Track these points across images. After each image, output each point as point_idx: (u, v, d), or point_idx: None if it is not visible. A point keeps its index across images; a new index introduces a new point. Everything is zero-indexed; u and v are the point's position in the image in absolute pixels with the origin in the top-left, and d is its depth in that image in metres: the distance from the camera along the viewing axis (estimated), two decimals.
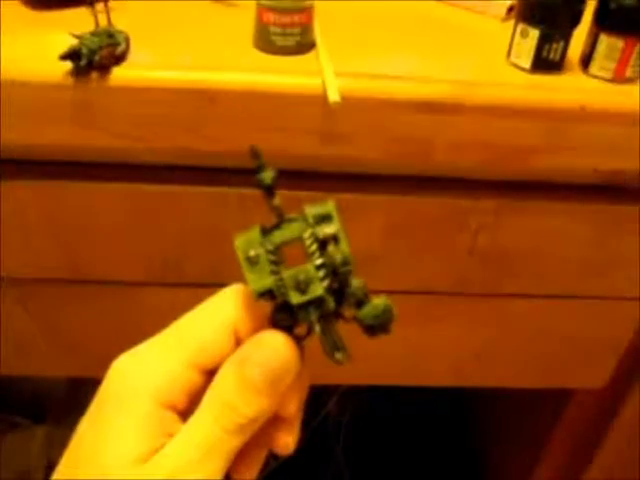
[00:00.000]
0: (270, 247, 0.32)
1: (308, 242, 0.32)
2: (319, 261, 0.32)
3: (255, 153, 0.33)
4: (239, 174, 0.55)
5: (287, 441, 0.35)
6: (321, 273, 0.32)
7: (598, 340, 0.69)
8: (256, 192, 0.55)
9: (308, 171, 0.54)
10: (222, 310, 0.34)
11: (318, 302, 0.32)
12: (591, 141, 0.53)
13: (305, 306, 0.32)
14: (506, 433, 1.07)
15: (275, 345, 0.32)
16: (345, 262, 0.32)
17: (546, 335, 0.68)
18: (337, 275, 0.32)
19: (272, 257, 0.32)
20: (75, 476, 0.30)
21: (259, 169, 0.33)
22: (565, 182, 0.58)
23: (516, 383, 0.74)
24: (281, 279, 0.32)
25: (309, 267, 0.32)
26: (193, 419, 0.31)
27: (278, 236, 0.32)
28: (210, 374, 0.33)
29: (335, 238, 0.32)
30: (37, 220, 0.57)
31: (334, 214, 0.33)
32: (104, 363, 0.33)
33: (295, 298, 0.32)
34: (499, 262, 0.61)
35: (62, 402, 1.07)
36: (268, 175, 0.33)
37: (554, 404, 0.84)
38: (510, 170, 0.56)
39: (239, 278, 0.61)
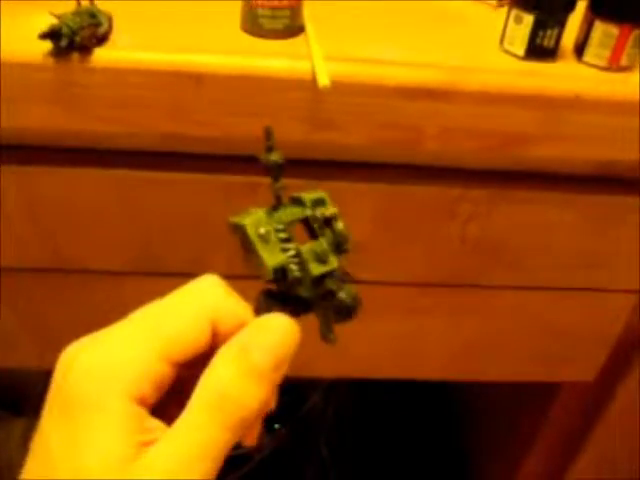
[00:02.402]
0: (280, 226, 0.32)
1: (315, 221, 0.33)
2: (329, 240, 0.33)
3: (268, 133, 0.33)
4: (224, 161, 0.54)
5: (253, 434, 0.33)
6: (333, 251, 0.33)
7: (588, 333, 0.68)
8: (241, 180, 0.54)
9: (296, 158, 0.53)
10: (199, 299, 0.32)
11: (331, 274, 0.33)
12: (585, 130, 0.52)
13: (321, 278, 0.32)
14: (492, 427, 1.07)
15: (283, 328, 0.31)
16: (349, 238, 0.33)
17: (536, 327, 0.68)
18: (340, 252, 0.33)
19: (282, 235, 0.32)
20: (56, 475, 0.28)
21: (269, 149, 0.33)
22: (558, 172, 0.57)
23: (505, 377, 0.73)
24: (297, 254, 0.32)
25: (323, 242, 0.33)
26: (186, 415, 0.29)
27: (284, 216, 0.33)
28: (180, 366, 0.31)
29: (336, 218, 0.33)
30: (17, 207, 0.55)
31: (327, 199, 0.34)
32: None
33: (316, 269, 0.32)
34: (489, 253, 0.60)
35: (40, 394, 1.05)
36: (277, 155, 0.33)
37: (541, 398, 0.83)
38: (502, 159, 0.55)
39: (223, 268, 0.60)
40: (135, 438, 0.28)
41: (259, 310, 0.33)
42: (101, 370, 0.29)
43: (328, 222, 0.33)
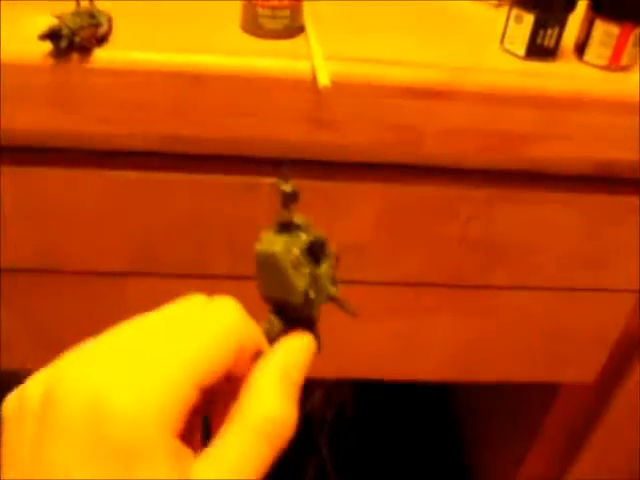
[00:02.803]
0: (298, 252, 0.34)
1: (317, 245, 0.35)
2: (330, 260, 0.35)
3: (286, 166, 0.35)
4: (224, 161, 0.54)
5: None
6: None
7: (588, 333, 0.68)
8: (241, 180, 0.54)
9: (296, 158, 0.53)
10: (228, 324, 0.30)
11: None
12: (586, 130, 0.52)
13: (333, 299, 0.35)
14: (493, 428, 1.06)
15: (311, 346, 0.33)
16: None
17: (536, 328, 0.67)
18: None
19: (302, 260, 0.34)
20: None
21: (281, 179, 0.34)
22: (558, 172, 0.57)
23: (505, 378, 0.73)
24: (315, 278, 0.34)
25: (330, 265, 0.35)
26: (235, 444, 0.28)
27: (298, 242, 0.34)
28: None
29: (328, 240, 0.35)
30: (15, 208, 0.55)
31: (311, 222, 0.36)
32: None
33: (333, 290, 0.35)
34: (490, 253, 0.60)
35: None
36: (288, 187, 0.33)
37: (541, 400, 0.83)
38: (502, 159, 0.55)
39: (224, 269, 0.60)
40: (180, 475, 0.26)
41: (270, 331, 0.34)
42: (141, 412, 0.25)
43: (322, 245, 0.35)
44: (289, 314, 0.34)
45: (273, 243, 0.33)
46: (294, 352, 0.32)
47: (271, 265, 0.33)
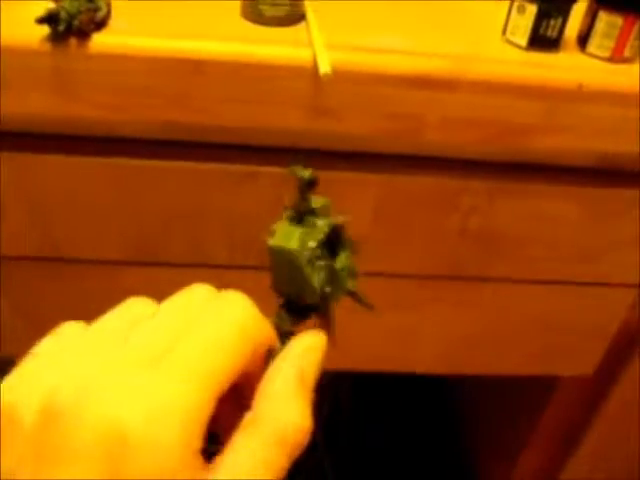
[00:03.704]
0: (314, 244, 0.32)
1: (334, 236, 0.33)
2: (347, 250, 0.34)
3: (302, 157, 0.34)
4: (224, 149, 0.53)
5: None
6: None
7: (587, 326, 0.68)
8: (241, 168, 0.54)
9: (295, 147, 0.52)
10: (243, 325, 0.28)
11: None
12: (588, 122, 0.52)
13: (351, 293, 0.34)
14: (491, 422, 1.06)
15: (324, 344, 0.31)
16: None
17: (535, 321, 0.67)
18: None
19: (319, 252, 0.32)
20: None
21: (302, 164, 0.32)
22: (559, 164, 0.56)
23: (504, 370, 0.72)
24: (333, 271, 0.32)
25: (345, 256, 0.33)
26: (250, 450, 0.26)
27: (315, 234, 0.32)
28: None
29: (344, 227, 0.34)
30: (12, 195, 0.54)
31: (330, 205, 0.34)
32: None
33: (350, 284, 0.33)
34: (490, 245, 0.60)
35: None
36: (310, 173, 0.32)
37: (539, 394, 0.83)
38: (504, 150, 0.55)
39: (223, 259, 0.59)
40: None
41: (279, 326, 0.32)
42: (164, 438, 0.23)
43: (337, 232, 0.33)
44: (301, 308, 0.33)
45: (289, 237, 0.31)
46: (309, 354, 0.30)
47: (286, 262, 0.31)
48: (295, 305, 0.33)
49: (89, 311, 0.64)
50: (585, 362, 0.72)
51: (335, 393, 1.24)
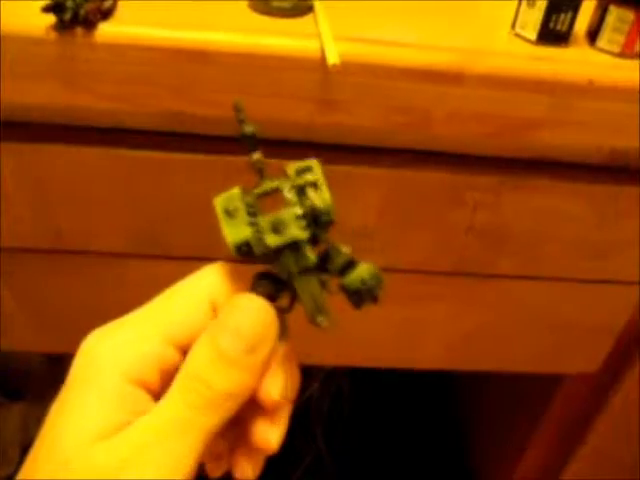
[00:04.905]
0: (249, 200, 0.31)
1: (287, 191, 0.31)
2: (299, 210, 0.31)
3: (238, 107, 0.33)
4: (230, 141, 0.53)
5: (268, 435, 0.32)
6: (302, 222, 0.31)
7: (593, 324, 0.68)
8: (245, 161, 0.53)
9: (302, 141, 0.52)
10: (200, 285, 0.32)
11: (295, 246, 0.31)
12: (597, 117, 0.51)
13: (282, 250, 0.31)
14: (492, 420, 1.06)
15: (249, 308, 0.31)
16: (326, 209, 0.31)
17: (541, 318, 0.67)
18: (318, 224, 0.31)
19: (250, 209, 0.31)
20: (36, 461, 0.28)
21: (241, 122, 0.32)
22: (568, 160, 0.56)
23: (508, 367, 0.72)
24: (258, 227, 0.31)
25: (287, 211, 0.31)
26: (164, 396, 0.29)
27: (257, 190, 0.32)
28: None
29: (315, 185, 0.31)
30: (17, 186, 0.54)
31: (316, 167, 0.32)
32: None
33: (271, 239, 0.31)
34: (496, 241, 0.59)
35: (40, 379, 1.05)
36: (250, 127, 0.32)
37: (542, 392, 0.83)
38: (512, 145, 0.54)
39: (226, 251, 0.59)
40: (122, 418, 0.28)
41: (259, 294, 0.32)
42: (103, 353, 0.29)
43: (304, 191, 0.31)
44: (265, 276, 0.32)
45: (220, 195, 0.32)
46: (226, 314, 0.31)
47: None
48: (267, 272, 0.32)
49: (93, 303, 0.64)
50: (590, 360, 0.71)
51: (335, 390, 1.23)
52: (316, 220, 0.31)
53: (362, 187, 0.55)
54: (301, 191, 0.31)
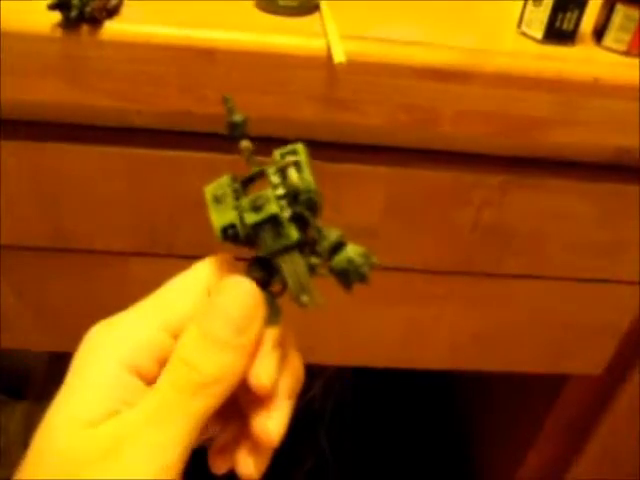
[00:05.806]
0: (236, 186, 0.32)
1: (272, 174, 0.32)
2: (281, 191, 0.31)
3: (226, 97, 0.33)
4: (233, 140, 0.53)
5: (266, 425, 0.32)
6: (283, 202, 0.31)
7: (598, 325, 0.67)
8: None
9: (308, 139, 0.52)
10: (198, 275, 0.33)
11: (275, 223, 0.31)
12: (603, 116, 0.51)
13: (263, 227, 0.31)
14: (496, 420, 1.06)
15: (236, 290, 0.31)
16: (307, 187, 0.31)
17: (546, 318, 0.67)
18: (299, 203, 0.31)
19: (236, 194, 0.32)
20: (32, 449, 0.28)
21: (230, 110, 0.33)
22: (574, 158, 0.56)
23: (513, 367, 0.72)
24: (240, 209, 0.31)
25: (268, 191, 0.31)
26: (158, 380, 0.30)
27: (245, 175, 0.33)
28: None
29: (297, 165, 0.32)
30: (21, 184, 0.54)
31: (300, 150, 0.33)
32: None
33: (250, 217, 0.31)
34: (502, 240, 0.59)
35: (43, 378, 1.05)
36: (238, 116, 0.33)
37: (545, 392, 0.82)
38: (518, 144, 0.54)
39: (228, 252, 0.59)
40: (116, 405, 0.28)
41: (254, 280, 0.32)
42: (102, 342, 0.30)
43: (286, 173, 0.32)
44: (258, 261, 0.32)
45: (210, 183, 0.32)
46: (213, 298, 0.31)
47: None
48: (259, 258, 0.32)
49: (96, 301, 0.64)
50: (595, 361, 0.71)
51: (338, 391, 1.23)
52: (296, 198, 0.31)
53: (368, 186, 0.55)
54: (284, 172, 0.32)
